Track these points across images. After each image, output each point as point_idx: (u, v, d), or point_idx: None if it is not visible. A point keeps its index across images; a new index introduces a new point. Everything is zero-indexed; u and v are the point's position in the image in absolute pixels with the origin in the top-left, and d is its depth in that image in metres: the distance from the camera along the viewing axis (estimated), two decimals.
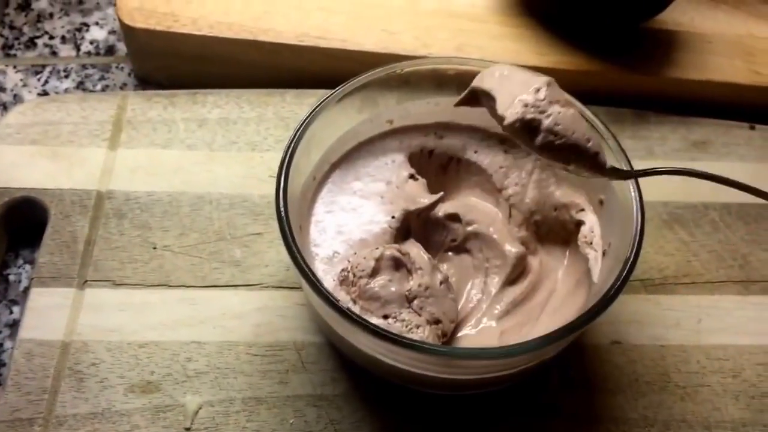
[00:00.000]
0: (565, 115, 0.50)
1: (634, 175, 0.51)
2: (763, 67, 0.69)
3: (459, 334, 0.55)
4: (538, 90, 0.50)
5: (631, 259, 0.49)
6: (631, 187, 0.52)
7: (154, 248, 0.59)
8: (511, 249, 0.56)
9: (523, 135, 0.50)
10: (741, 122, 0.69)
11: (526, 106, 0.49)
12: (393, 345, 0.47)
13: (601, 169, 0.51)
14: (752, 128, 0.68)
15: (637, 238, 0.50)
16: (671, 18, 0.70)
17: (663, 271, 0.61)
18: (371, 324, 0.47)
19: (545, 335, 0.47)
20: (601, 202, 0.55)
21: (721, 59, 0.70)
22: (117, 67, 0.72)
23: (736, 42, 0.71)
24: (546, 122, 0.49)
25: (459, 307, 0.55)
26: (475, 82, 0.53)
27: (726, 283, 0.61)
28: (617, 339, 0.58)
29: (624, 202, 0.52)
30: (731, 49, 0.70)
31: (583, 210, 0.56)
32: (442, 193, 0.58)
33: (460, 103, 0.54)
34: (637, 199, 0.51)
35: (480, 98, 0.53)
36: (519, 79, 0.51)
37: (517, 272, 0.56)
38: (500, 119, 0.51)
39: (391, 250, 0.53)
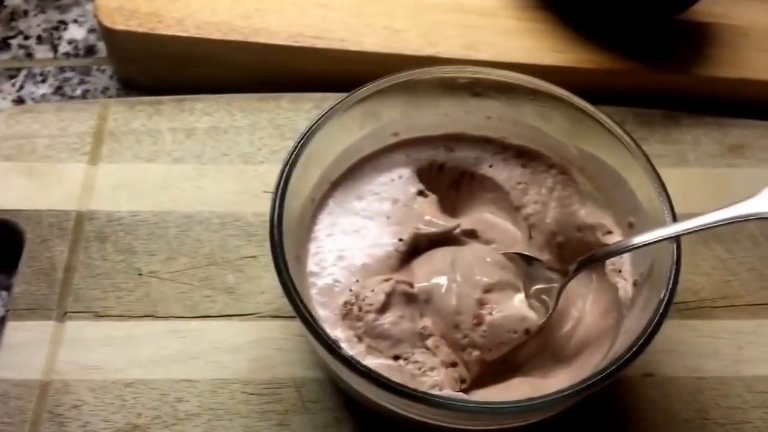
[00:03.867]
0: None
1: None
2: None
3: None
4: None
5: (667, 298, 0.44)
6: (665, 209, 0.48)
7: (140, 275, 0.55)
8: None
9: None
10: None
11: None
12: (399, 396, 0.42)
13: None
14: None
15: (674, 273, 0.45)
16: (703, 9, 0.67)
17: (699, 293, 0.57)
18: (371, 371, 0.43)
19: (563, 390, 0.43)
20: (630, 225, 0.51)
21: (758, 55, 0.66)
22: (98, 70, 0.69)
23: None
24: None
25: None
26: None
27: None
28: (650, 371, 0.53)
29: (657, 226, 0.47)
30: None
31: (610, 233, 0.52)
32: (459, 221, 0.54)
33: None
34: (672, 223, 0.47)
35: None
36: None
37: None
38: None
39: (403, 285, 0.49)
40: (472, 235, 0.54)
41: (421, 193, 0.54)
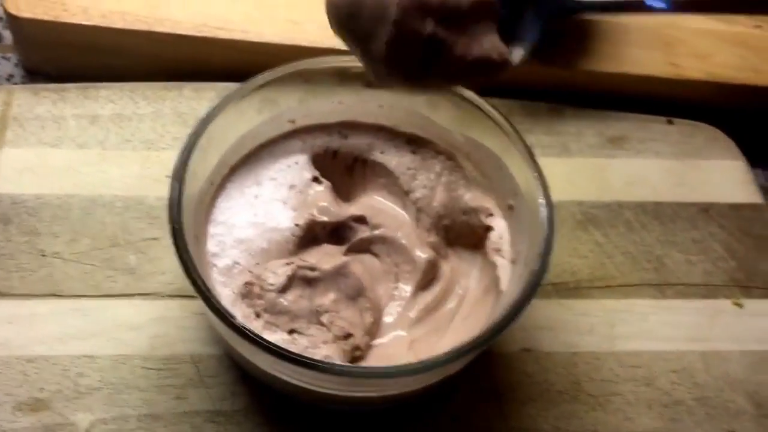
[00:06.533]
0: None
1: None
2: (681, 59, 0.68)
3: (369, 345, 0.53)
4: None
5: (538, 273, 0.47)
6: (540, 192, 0.50)
7: (43, 255, 0.56)
8: (421, 254, 0.54)
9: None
10: (658, 116, 0.68)
11: None
12: (289, 363, 0.44)
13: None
14: (670, 123, 0.67)
15: (546, 250, 0.48)
16: None
17: (576, 274, 0.59)
18: (267, 342, 0.44)
19: (447, 354, 0.45)
20: (510, 207, 0.54)
21: (639, 51, 0.68)
22: (3, 57, 0.68)
23: (656, 33, 0.70)
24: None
25: (373, 318, 0.52)
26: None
27: (641, 286, 0.60)
28: (528, 346, 0.56)
29: (533, 209, 0.50)
30: (651, 41, 0.69)
31: (492, 215, 0.55)
32: (350, 208, 0.56)
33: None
34: (547, 206, 0.49)
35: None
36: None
37: (428, 278, 0.54)
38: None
39: (303, 270, 0.51)
40: (362, 221, 0.55)
41: (315, 179, 0.55)
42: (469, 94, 0.53)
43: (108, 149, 0.61)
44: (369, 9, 0.47)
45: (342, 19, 0.49)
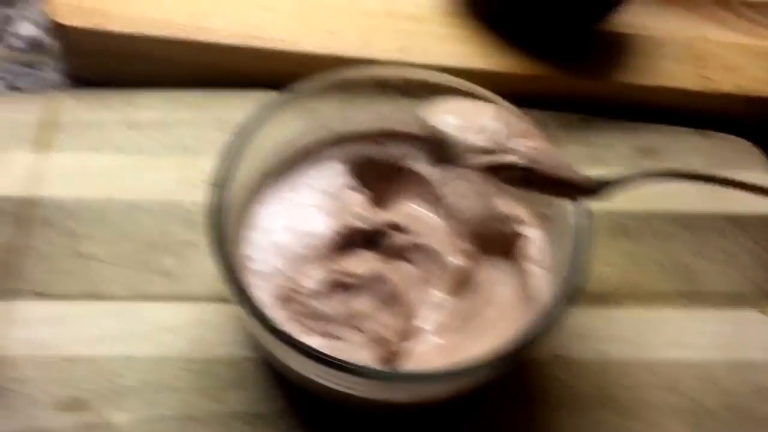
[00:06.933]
0: (537, 148, 0.48)
1: (621, 185, 0.50)
2: (713, 72, 0.69)
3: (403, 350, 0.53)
4: (485, 128, 0.48)
5: (574, 282, 0.48)
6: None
7: (83, 258, 0.57)
8: (454, 261, 0.55)
9: (487, 176, 0.48)
10: (689, 128, 0.68)
11: (484, 153, 0.47)
12: (324, 366, 0.45)
13: (591, 194, 0.49)
14: (700, 134, 0.68)
15: (581, 259, 0.49)
16: (622, 20, 0.69)
17: (607, 282, 0.60)
18: (303, 345, 0.45)
19: (480, 360, 0.46)
20: (544, 216, 0.54)
21: (671, 64, 0.69)
22: (46, 64, 0.70)
23: (688, 46, 0.70)
24: (518, 161, 0.47)
25: (407, 323, 0.53)
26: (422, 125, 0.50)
27: (670, 295, 0.60)
28: (559, 353, 0.57)
29: (568, 218, 0.51)
30: (682, 54, 0.70)
31: (525, 223, 0.55)
32: (385, 215, 0.56)
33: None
34: (581, 215, 0.50)
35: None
36: (465, 117, 0.49)
37: (461, 285, 0.55)
38: (455, 162, 0.49)
39: (339, 275, 0.52)
40: (397, 228, 0.56)
41: (352, 186, 0.56)
42: (504, 103, 0.54)
43: (148, 155, 0.62)
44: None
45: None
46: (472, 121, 0.48)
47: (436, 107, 0.50)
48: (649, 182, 0.49)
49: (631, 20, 0.71)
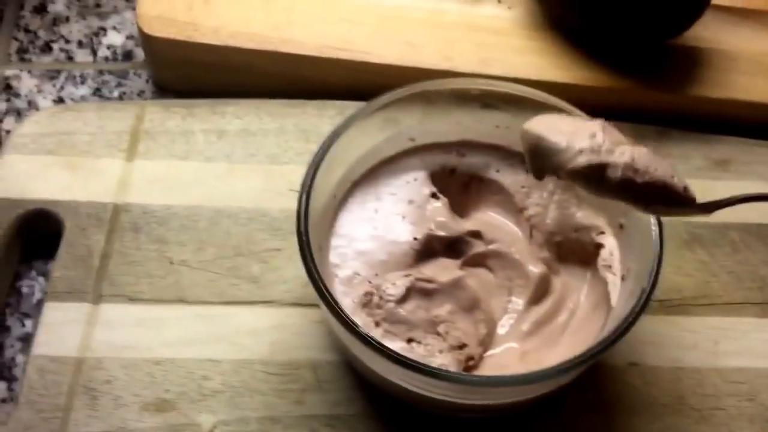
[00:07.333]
0: (640, 152, 0.48)
1: (723, 206, 0.49)
2: None
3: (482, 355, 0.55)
4: (594, 135, 0.48)
5: (648, 290, 0.49)
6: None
7: (171, 263, 0.59)
8: (534, 269, 0.56)
9: (589, 181, 0.48)
10: (763, 141, 0.68)
11: (590, 151, 0.47)
12: (408, 370, 0.47)
13: (690, 205, 0.49)
14: None
15: (656, 268, 0.50)
16: (695, 34, 0.69)
17: (682, 291, 0.60)
18: (388, 349, 0.47)
19: (559, 365, 0.47)
20: (621, 226, 0.55)
21: (744, 77, 0.69)
22: (135, 74, 0.71)
23: (761, 60, 0.70)
24: (620, 160, 0.47)
25: (486, 329, 0.54)
26: (525, 137, 0.50)
27: (744, 305, 0.60)
28: (634, 360, 0.57)
29: (644, 228, 0.52)
30: (755, 68, 0.70)
31: (603, 233, 0.56)
32: (467, 224, 0.58)
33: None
34: (657, 225, 0.51)
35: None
36: (568, 127, 0.49)
37: (540, 293, 0.56)
38: (557, 167, 0.49)
39: (421, 282, 0.53)
40: (477, 236, 0.57)
41: (434, 195, 0.57)
42: (579, 114, 0.55)
43: (234, 163, 0.63)
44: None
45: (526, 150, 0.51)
46: (576, 130, 0.49)
47: (539, 118, 0.51)
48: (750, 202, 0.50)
49: (705, 35, 0.71)
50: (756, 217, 0.64)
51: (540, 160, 0.50)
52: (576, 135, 0.48)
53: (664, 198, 0.48)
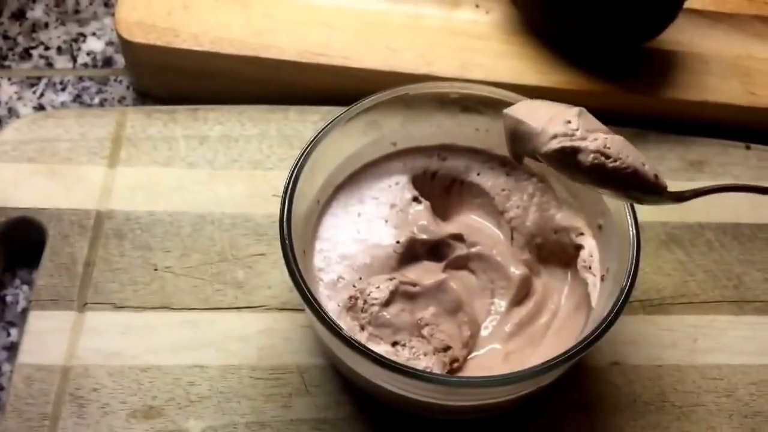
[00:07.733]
0: (613, 139, 0.49)
1: (695, 196, 0.50)
2: (759, 88, 0.70)
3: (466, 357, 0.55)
4: (569, 121, 0.49)
5: (626, 290, 0.49)
6: (627, 213, 0.52)
7: (155, 270, 0.59)
8: (516, 271, 0.57)
9: (562, 165, 0.49)
10: (737, 142, 0.69)
11: (562, 136, 0.48)
12: (394, 373, 0.47)
13: (660, 193, 0.50)
14: (748, 148, 0.69)
15: (633, 268, 0.50)
16: (670, 38, 0.70)
17: (661, 291, 0.61)
18: (373, 352, 0.47)
19: (541, 365, 0.48)
20: (599, 227, 0.56)
21: (718, 80, 0.70)
22: (115, 80, 0.71)
23: (733, 63, 0.71)
24: (591, 146, 0.48)
25: (469, 331, 0.55)
26: (505, 120, 0.52)
27: (721, 303, 0.61)
28: (616, 360, 0.58)
29: (622, 229, 0.52)
30: (728, 70, 0.71)
31: (582, 234, 0.57)
32: (448, 227, 0.58)
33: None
34: (634, 226, 0.52)
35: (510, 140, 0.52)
36: (546, 113, 0.50)
37: (522, 294, 0.57)
38: (533, 151, 0.50)
39: (405, 285, 0.54)
40: (459, 238, 0.58)
41: (415, 199, 0.58)
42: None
43: (216, 169, 0.64)
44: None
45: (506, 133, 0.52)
46: (554, 116, 0.50)
47: (522, 103, 0.52)
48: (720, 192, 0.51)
49: (679, 38, 0.72)
50: (731, 216, 0.65)
51: (518, 144, 0.51)
52: (552, 120, 0.49)
53: (635, 185, 0.49)
